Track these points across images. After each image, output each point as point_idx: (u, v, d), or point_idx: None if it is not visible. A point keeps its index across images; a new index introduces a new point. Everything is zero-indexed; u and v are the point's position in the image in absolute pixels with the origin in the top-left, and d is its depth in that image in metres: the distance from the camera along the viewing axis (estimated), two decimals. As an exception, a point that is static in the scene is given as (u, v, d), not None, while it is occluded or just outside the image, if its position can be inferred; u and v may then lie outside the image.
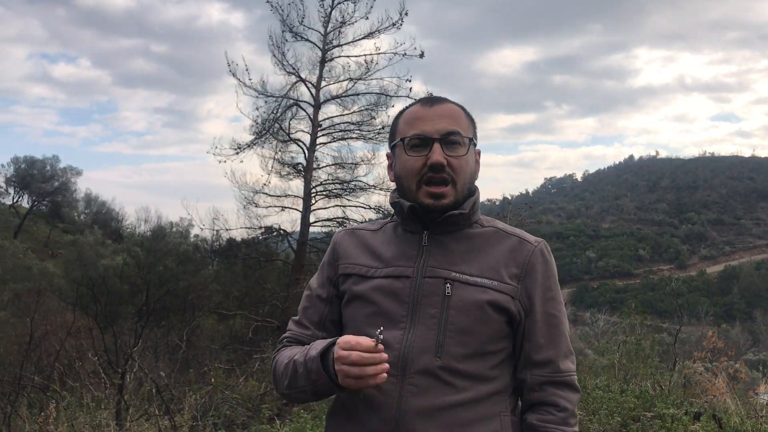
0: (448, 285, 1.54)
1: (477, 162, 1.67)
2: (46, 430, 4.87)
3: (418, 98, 1.72)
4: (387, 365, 1.39)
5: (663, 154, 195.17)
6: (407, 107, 1.68)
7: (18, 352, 8.41)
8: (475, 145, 1.65)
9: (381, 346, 1.39)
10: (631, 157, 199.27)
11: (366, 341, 1.39)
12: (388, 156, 1.71)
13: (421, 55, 16.45)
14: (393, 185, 1.71)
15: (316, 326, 1.69)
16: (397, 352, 1.51)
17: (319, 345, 1.50)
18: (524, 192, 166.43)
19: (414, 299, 1.54)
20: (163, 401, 5.84)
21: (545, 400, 1.57)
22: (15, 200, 47.36)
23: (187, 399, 5.91)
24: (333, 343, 1.46)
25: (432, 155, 1.54)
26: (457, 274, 1.55)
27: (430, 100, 1.63)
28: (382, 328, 1.43)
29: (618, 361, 10.20)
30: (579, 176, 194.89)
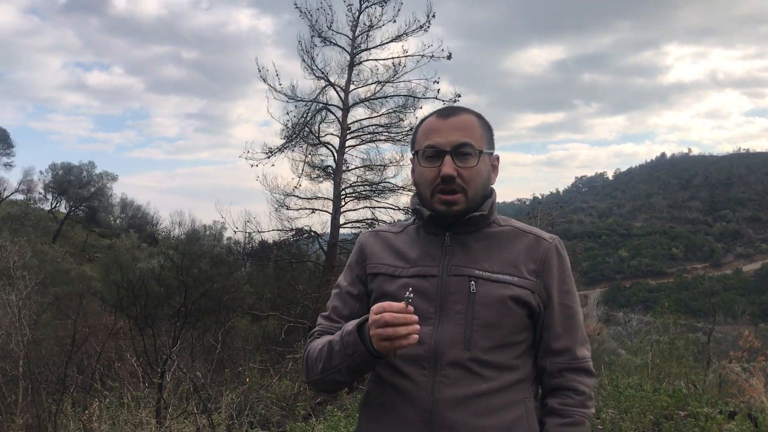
0: (472, 282, 1.64)
1: (494, 167, 1.77)
2: (89, 428, 5.05)
3: (437, 108, 1.81)
4: (417, 326, 1.45)
5: (696, 152, 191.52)
6: (426, 117, 1.78)
7: (60, 353, 8.66)
8: (490, 153, 1.74)
9: (411, 308, 1.46)
10: (663, 154, 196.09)
11: (396, 304, 1.46)
12: (411, 161, 1.81)
13: (449, 57, 16.48)
14: None
15: (346, 320, 1.75)
16: (428, 347, 1.61)
17: (353, 322, 1.58)
18: (555, 191, 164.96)
19: (441, 297, 1.65)
20: (200, 400, 5.99)
21: (564, 385, 1.69)
22: (53, 206, 48.42)
23: (223, 398, 6.05)
24: (367, 319, 1.53)
25: (443, 168, 1.64)
26: (480, 272, 1.65)
27: (446, 112, 1.73)
28: (411, 289, 1.51)
29: (650, 360, 10.12)
30: (610, 175, 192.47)
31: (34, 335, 9.50)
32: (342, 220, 16.73)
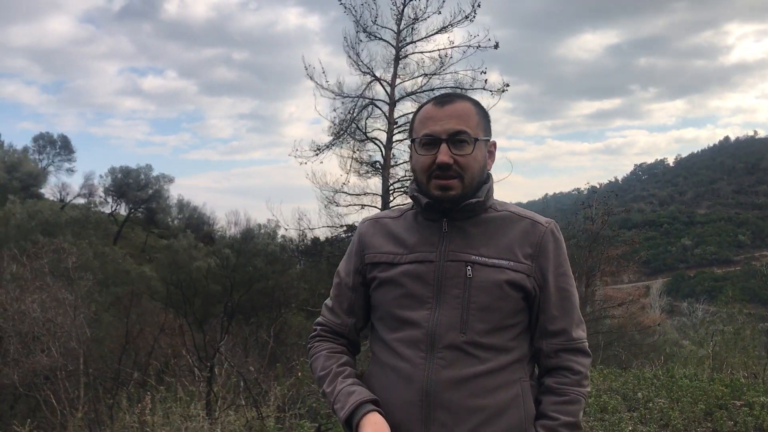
0: (469, 267, 1.68)
1: (490, 153, 1.80)
2: (143, 420, 5.19)
3: (432, 97, 1.83)
4: None
5: (761, 134, 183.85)
6: (423, 105, 1.80)
7: (117, 351, 8.93)
8: (487, 140, 1.76)
9: None
10: (727, 138, 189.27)
11: None
12: (409, 148, 1.83)
13: (496, 46, 16.27)
14: None
15: (346, 313, 1.86)
16: (426, 330, 1.66)
17: (345, 399, 1.66)
18: (613, 180, 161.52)
19: (438, 281, 1.69)
20: (250, 393, 6.08)
21: (561, 365, 1.74)
22: (113, 209, 50.11)
23: (272, 391, 6.13)
24: (360, 404, 1.63)
25: (439, 155, 1.67)
26: (477, 257, 1.69)
27: (442, 100, 1.74)
28: None
29: (711, 350, 9.79)
30: (671, 161, 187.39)
31: (93, 334, 9.82)
32: (391, 215, 16.73)
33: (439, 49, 16.57)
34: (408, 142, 1.86)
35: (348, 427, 1.62)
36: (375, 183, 17.26)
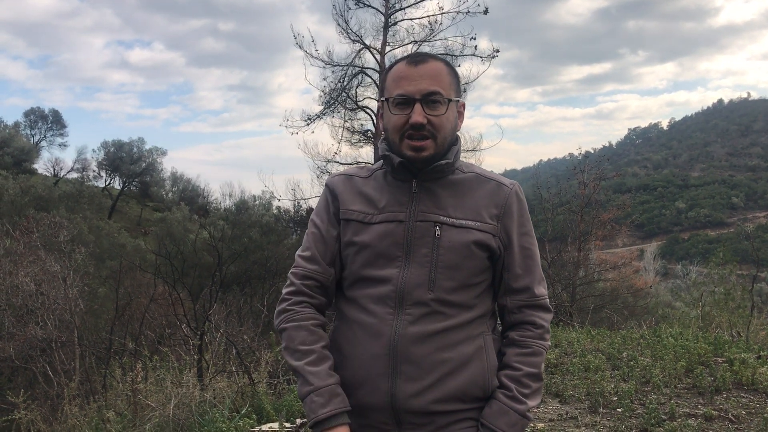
0: (437, 228, 1.72)
1: (460, 114, 1.82)
2: (135, 389, 5.28)
3: (406, 55, 1.81)
4: None
5: (755, 96, 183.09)
6: (394, 63, 1.80)
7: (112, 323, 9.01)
8: (458, 101, 1.78)
9: None
10: (721, 101, 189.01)
11: None
12: (379, 106, 1.84)
13: (485, 12, 16.17)
14: None
15: (329, 264, 1.82)
16: (395, 287, 1.70)
17: (328, 399, 1.65)
18: (607, 144, 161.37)
19: (408, 241, 1.72)
20: (241, 360, 6.17)
21: (524, 320, 1.81)
22: (107, 182, 49.99)
23: (264, 357, 6.21)
24: (341, 413, 1.64)
25: (413, 115, 1.68)
26: (445, 218, 1.73)
27: (415, 60, 1.74)
28: None
29: (701, 311, 9.92)
30: (665, 124, 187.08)
31: (88, 306, 9.89)
32: (383, 184, 16.76)
33: (428, 16, 16.48)
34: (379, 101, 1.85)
35: (316, 425, 1.64)
36: (367, 152, 17.30)
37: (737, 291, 9.97)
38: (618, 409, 4.76)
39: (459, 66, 16.41)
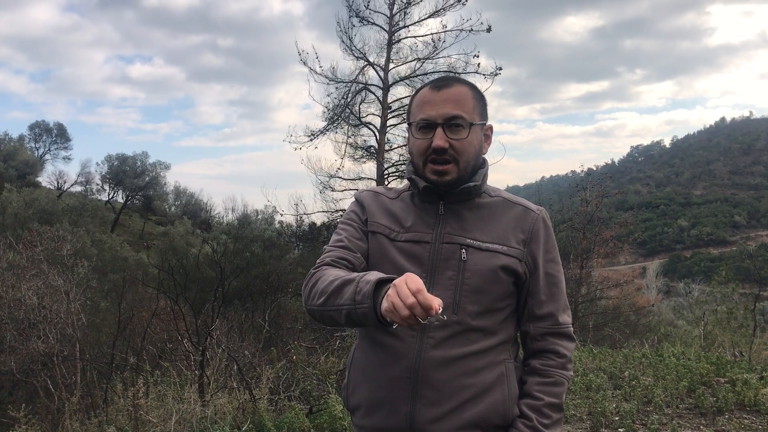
0: (463, 250, 1.70)
1: (486, 137, 1.82)
2: (136, 404, 5.27)
3: (430, 80, 1.83)
4: (424, 322, 1.35)
5: (756, 115, 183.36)
6: (420, 89, 1.82)
7: (112, 336, 9.00)
8: (483, 124, 1.78)
9: (440, 310, 1.35)
10: (723, 119, 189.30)
11: (436, 301, 1.33)
12: (407, 131, 1.86)
13: (488, 30, 16.25)
14: None
15: (362, 255, 1.77)
16: None
17: (377, 274, 1.51)
18: (610, 162, 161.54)
19: (433, 262, 1.71)
20: (243, 376, 6.16)
21: (547, 348, 1.77)
22: (110, 196, 50.03)
23: (264, 374, 6.21)
24: (389, 280, 1.44)
25: (434, 139, 1.69)
26: (471, 241, 1.71)
27: (438, 84, 1.75)
28: (445, 317, 1.46)
29: (703, 330, 9.89)
30: (667, 142, 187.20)
31: (90, 320, 9.88)
32: (386, 200, 16.80)
33: (432, 33, 16.58)
34: (405, 125, 1.89)
35: (377, 288, 1.45)
36: (370, 167, 17.34)
37: (740, 310, 9.95)
38: (620, 430, 4.75)
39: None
